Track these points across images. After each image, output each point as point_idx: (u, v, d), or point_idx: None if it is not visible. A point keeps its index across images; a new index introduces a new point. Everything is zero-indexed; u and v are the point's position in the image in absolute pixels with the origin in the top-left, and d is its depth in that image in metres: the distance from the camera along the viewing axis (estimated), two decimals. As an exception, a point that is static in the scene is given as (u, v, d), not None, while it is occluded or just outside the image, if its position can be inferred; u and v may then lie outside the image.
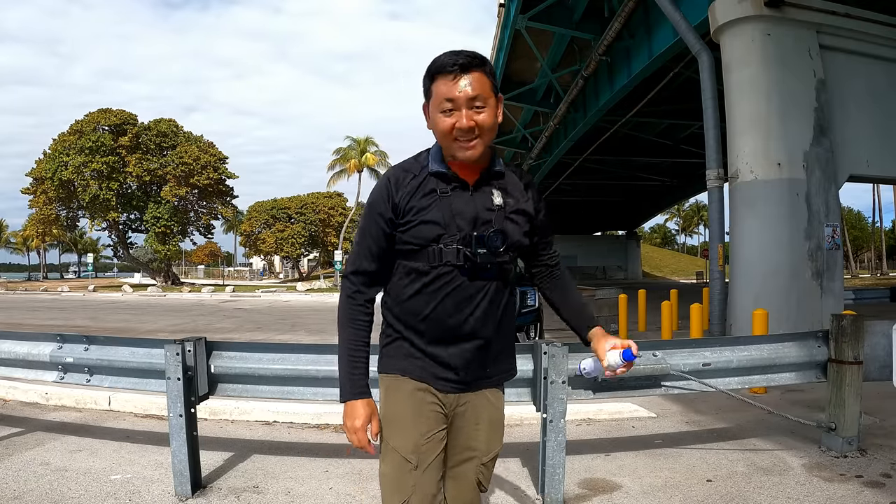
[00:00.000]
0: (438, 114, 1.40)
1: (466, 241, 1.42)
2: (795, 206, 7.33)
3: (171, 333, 10.67)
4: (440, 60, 1.39)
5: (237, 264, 74.32)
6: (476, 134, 1.40)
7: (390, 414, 1.48)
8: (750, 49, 7.61)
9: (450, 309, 1.43)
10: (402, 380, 1.47)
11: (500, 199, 1.47)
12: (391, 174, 1.48)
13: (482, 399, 1.53)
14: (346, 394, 1.47)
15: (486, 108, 1.39)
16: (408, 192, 1.44)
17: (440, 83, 1.39)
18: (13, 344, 3.60)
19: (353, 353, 1.48)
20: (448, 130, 1.40)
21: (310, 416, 4.29)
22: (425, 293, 1.44)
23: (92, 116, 32.69)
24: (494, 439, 1.57)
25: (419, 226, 1.43)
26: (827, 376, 3.49)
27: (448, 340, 1.45)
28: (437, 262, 1.43)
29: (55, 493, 2.91)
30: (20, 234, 61.02)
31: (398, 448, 1.44)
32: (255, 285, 37.78)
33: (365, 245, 1.49)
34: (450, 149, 1.43)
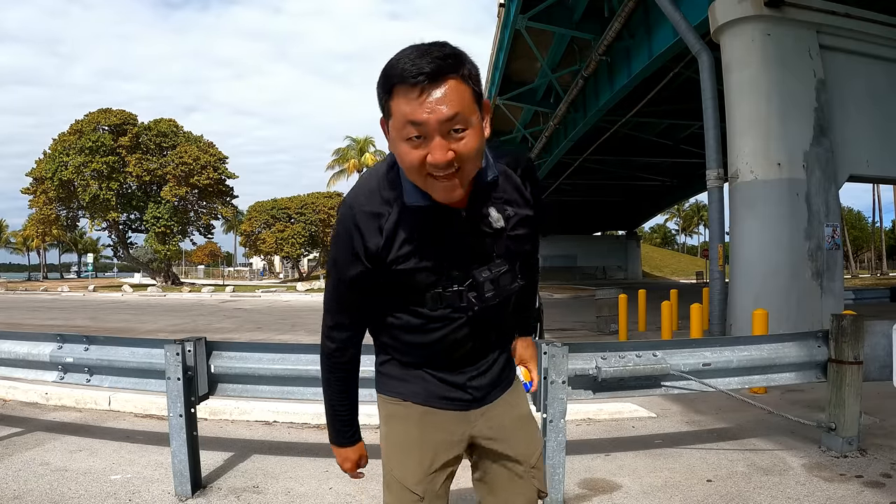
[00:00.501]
0: (402, 143, 1.04)
1: (470, 284, 1.18)
2: (795, 206, 7.33)
3: (171, 333, 10.67)
4: (399, 66, 1.01)
5: (237, 264, 74.30)
6: (457, 167, 1.04)
7: (394, 443, 1.32)
8: (750, 49, 7.61)
9: (452, 344, 1.25)
10: (406, 405, 1.30)
11: (501, 219, 1.18)
12: (358, 216, 1.15)
13: (501, 406, 1.35)
14: (334, 439, 1.39)
15: (468, 129, 1.03)
16: (385, 238, 1.14)
17: (401, 100, 1.01)
18: (13, 344, 3.60)
19: (339, 404, 1.37)
20: (417, 165, 1.04)
21: (310, 416, 4.29)
22: (423, 331, 1.24)
23: (92, 116, 32.69)
24: (532, 437, 1.39)
25: (407, 275, 1.16)
26: (827, 376, 3.49)
27: (454, 369, 1.29)
28: (437, 306, 1.20)
29: (55, 493, 2.91)
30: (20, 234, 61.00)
31: (403, 480, 1.28)
32: (255, 285, 37.78)
33: (338, 295, 1.26)
34: (423, 187, 1.09)
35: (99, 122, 32.36)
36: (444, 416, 1.30)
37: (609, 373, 3.04)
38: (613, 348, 3.19)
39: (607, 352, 3.15)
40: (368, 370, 1.40)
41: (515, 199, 1.22)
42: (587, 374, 3.04)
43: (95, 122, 32.30)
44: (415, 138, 1.02)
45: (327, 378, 1.37)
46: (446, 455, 1.31)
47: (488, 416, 1.33)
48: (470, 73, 1.04)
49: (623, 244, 46.95)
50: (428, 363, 1.29)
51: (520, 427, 1.38)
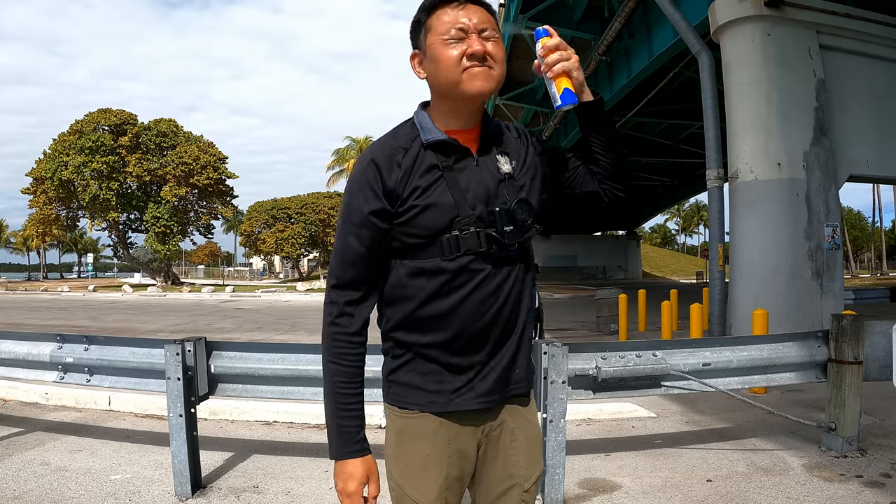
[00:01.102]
0: (442, 46, 1.16)
1: (485, 221, 1.17)
2: (795, 206, 7.33)
3: (171, 333, 10.67)
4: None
5: (237, 264, 74.34)
6: (490, 65, 1.17)
7: (408, 461, 1.23)
8: (750, 49, 7.61)
9: (477, 305, 1.18)
10: (421, 418, 1.21)
11: (508, 165, 1.22)
12: (374, 153, 1.19)
13: (516, 417, 1.30)
14: (336, 452, 1.19)
15: (496, 38, 1.19)
16: (403, 172, 1.16)
17: (442, 14, 1.18)
18: (13, 344, 3.60)
19: (344, 400, 1.20)
20: (457, 60, 1.15)
21: (310, 416, 4.29)
22: (443, 293, 1.17)
23: (92, 116, 32.72)
24: (535, 460, 1.32)
25: (424, 213, 1.15)
26: (827, 376, 3.49)
27: (478, 344, 1.20)
28: (454, 252, 1.16)
29: (55, 493, 2.91)
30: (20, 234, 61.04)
31: (418, 499, 1.21)
32: (255, 285, 37.79)
33: (349, 250, 1.19)
34: (456, 85, 1.16)
35: (99, 122, 32.38)
36: (461, 425, 1.23)
37: (609, 373, 3.04)
38: (613, 348, 3.19)
39: (607, 352, 3.15)
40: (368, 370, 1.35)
41: (520, 152, 1.28)
42: (587, 374, 3.04)
43: (95, 122, 32.33)
44: (455, 40, 1.16)
45: (330, 356, 1.22)
46: (458, 466, 1.25)
47: (505, 426, 1.28)
48: (494, 13, 1.23)
49: (623, 244, 46.94)
50: (450, 341, 1.19)
51: (527, 446, 1.30)
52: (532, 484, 1.31)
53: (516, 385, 1.27)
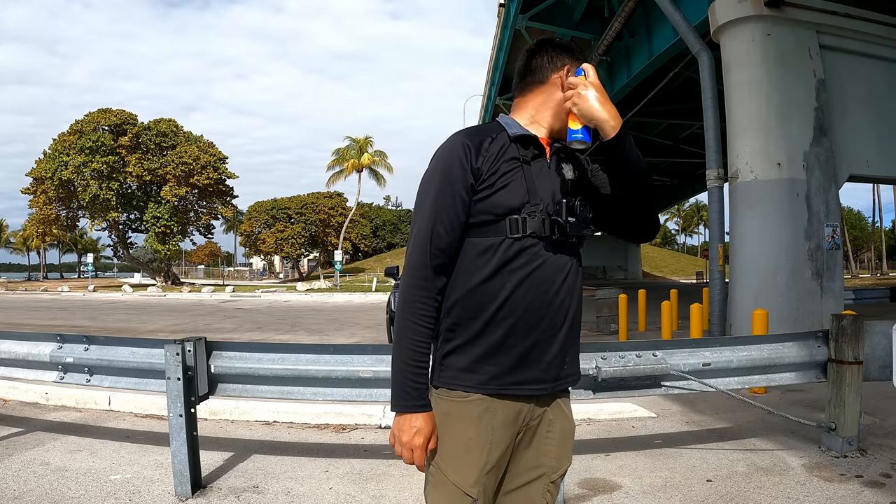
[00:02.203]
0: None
1: (550, 211, 1.28)
2: (795, 206, 7.33)
3: (171, 333, 10.68)
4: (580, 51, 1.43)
5: (237, 264, 74.34)
6: None
7: (451, 442, 1.27)
8: (750, 49, 7.61)
9: (535, 289, 1.26)
10: (469, 400, 1.26)
11: (572, 173, 1.37)
12: (465, 138, 1.30)
13: (556, 410, 1.37)
14: (404, 405, 1.24)
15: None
16: (490, 155, 1.28)
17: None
18: (13, 344, 3.60)
19: (417, 356, 1.25)
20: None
21: (310, 416, 4.29)
22: (503, 273, 1.25)
23: (92, 116, 32.71)
24: (565, 453, 1.41)
25: (501, 192, 1.26)
26: (827, 376, 3.49)
27: (531, 328, 1.26)
28: (519, 232, 1.25)
29: (55, 493, 2.91)
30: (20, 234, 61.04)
31: (458, 483, 1.25)
32: (254, 285, 37.79)
33: (438, 219, 1.25)
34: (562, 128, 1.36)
35: (99, 121, 32.38)
36: (505, 411, 1.28)
37: (609, 373, 3.04)
38: (613, 348, 3.19)
39: (607, 352, 3.15)
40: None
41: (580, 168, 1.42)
42: (587, 374, 3.04)
43: (95, 122, 32.32)
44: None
45: (408, 315, 1.26)
46: (498, 454, 1.29)
47: (544, 418, 1.35)
48: None
49: (623, 244, 46.88)
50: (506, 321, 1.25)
51: (561, 438, 1.39)
52: (559, 476, 1.39)
53: (566, 379, 1.35)
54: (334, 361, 3.06)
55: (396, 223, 65.85)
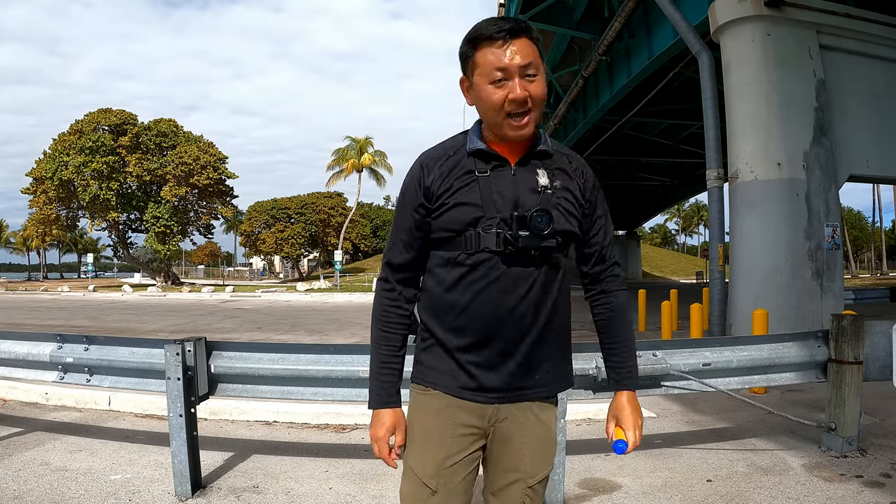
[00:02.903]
0: (487, 86, 1.26)
1: (507, 223, 1.27)
2: (795, 206, 7.33)
3: (171, 333, 10.68)
4: (484, 28, 1.26)
5: (237, 264, 74.35)
6: (528, 107, 1.26)
7: (414, 433, 1.36)
8: (750, 49, 7.61)
9: (491, 301, 1.28)
10: (431, 394, 1.34)
11: (546, 179, 1.31)
12: (423, 157, 1.35)
13: (526, 413, 1.35)
14: (373, 402, 1.36)
15: (538, 76, 1.26)
16: (441, 173, 1.31)
17: (486, 52, 1.24)
18: (13, 344, 3.60)
19: (384, 359, 1.36)
20: (500, 103, 1.25)
21: (310, 416, 4.29)
22: (463, 284, 1.29)
23: (92, 116, 32.73)
24: (541, 460, 1.38)
25: (454, 209, 1.29)
26: (827, 376, 3.49)
27: (489, 339, 1.29)
28: (473, 248, 1.28)
29: (55, 493, 2.91)
30: (20, 234, 61.05)
31: (416, 470, 1.33)
32: (254, 285, 37.79)
33: (398, 237, 1.37)
34: (499, 126, 1.28)
35: (99, 122, 32.39)
36: (467, 410, 1.32)
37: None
38: (613, 348, 3.18)
39: (607, 352, 3.14)
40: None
41: (565, 175, 1.36)
42: (587, 373, 3.04)
43: (95, 122, 32.34)
44: (498, 81, 1.24)
45: (376, 321, 1.39)
46: (461, 449, 1.32)
47: (512, 418, 1.34)
48: (536, 38, 1.28)
49: (623, 244, 46.88)
50: (466, 329, 1.30)
51: (536, 444, 1.37)
52: (537, 482, 1.38)
53: (533, 390, 1.35)
54: (334, 361, 3.06)
55: (396, 223, 65.67)
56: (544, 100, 1.29)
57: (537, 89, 1.26)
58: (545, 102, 1.31)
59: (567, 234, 1.33)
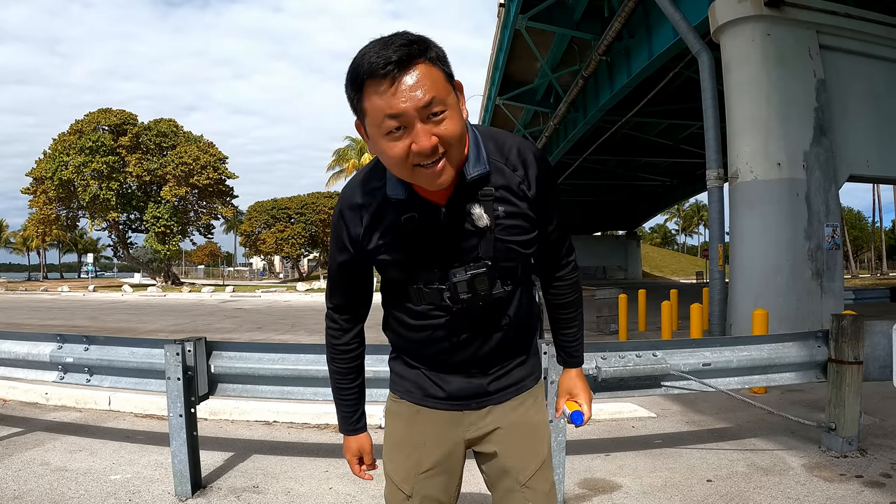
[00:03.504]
0: (382, 140, 1.00)
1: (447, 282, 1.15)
2: (795, 206, 7.33)
3: (171, 333, 10.68)
4: (365, 61, 0.97)
5: (237, 264, 74.33)
6: (442, 152, 1.00)
7: (388, 439, 1.36)
8: (750, 49, 7.61)
9: (440, 342, 1.23)
10: (402, 403, 1.33)
11: (486, 217, 1.10)
12: (342, 206, 1.19)
13: (504, 408, 1.31)
14: (340, 427, 1.41)
15: (447, 110, 0.99)
16: (365, 227, 1.16)
17: (373, 96, 0.98)
18: (13, 344, 3.60)
19: (341, 391, 1.37)
20: (403, 157, 1.00)
21: (310, 416, 4.29)
22: (410, 326, 1.25)
23: (92, 116, 32.72)
24: (527, 450, 1.30)
25: (388, 267, 1.19)
26: (827, 376, 3.49)
27: (445, 365, 1.27)
28: (417, 302, 1.19)
29: (55, 493, 2.91)
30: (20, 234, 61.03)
31: (391, 475, 1.33)
32: (254, 285, 37.78)
33: (334, 282, 1.29)
34: (411, 179, 1.05)
35: (99, 122, 32.38)
36: (436, 417, 1.30)
37: (609, 373, 3.04)
38: (613, 348, 3.19)
39: (607, 352, 3.15)
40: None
41: (509, 195, 1.14)
42: (587, 373, 3.04)
43: (95, 122, 32.32)
44: (395, 130, 0.99)
45: (330, 362, 1.37)
46: (435, 457, 1.29)
47: (488, 420, 1.30)
48: (437, 55, 1.01)
49: (623, 244, 46.92)
50: (423, 361, 1.30)
51: (519, 436, 1.30)
52: (528, 477, 1.29)
53: (501, 393, 1.30)
54: (334, 361, 3.06)
55: (396, 223, 65.72)
56: (462, 134, 1.03)
57: (448, 128, 0.99)
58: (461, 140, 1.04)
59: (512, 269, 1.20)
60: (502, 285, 1.17)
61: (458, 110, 1.03)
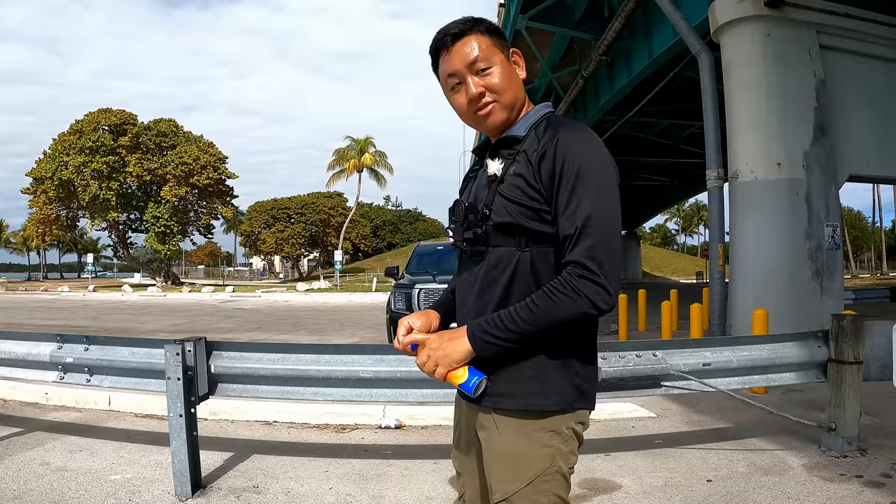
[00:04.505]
0: (450, 96, 1.30)
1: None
2: (795, 206, 7.33)
3: (172, 333, 10.68)
4: (435, 38, 1.29)
5: (237, 264, 74.33)
6: (491, 99, 1.25)
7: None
8: (750, 49, 7.61)
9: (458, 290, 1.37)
10: None
11: (497, 167, 1.25)
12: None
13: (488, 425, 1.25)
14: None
15: (493, 67, 1.24)
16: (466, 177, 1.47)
17: (441, 62, 1.28)
18: (13, 344, 3.60)
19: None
20: (464, 107, 1.28)
21: (310, 416, 4.29)
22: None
23: (92, 116, 32.73)
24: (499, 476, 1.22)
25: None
26: (827, 376, 3.49)
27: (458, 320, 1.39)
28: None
29: (55, 493, 2.91)
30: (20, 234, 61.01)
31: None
32: (255, 285, 37.78)
33: None
34: (474, 124, 1.31)
35: (99, 121, 32.40)
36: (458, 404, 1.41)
37: (609, 373, 3.04)
38: (613, 348, 3.19)
39: (607, 352, 3.15)
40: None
41: (523, 160, 1.22)
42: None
43: (95, 122, 32.34)
44: (456, 86, 1.27)
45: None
46: (463, 434, 1.38)
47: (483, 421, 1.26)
48: (487, 27, 1.27)
49: (623, 244, 46.86)
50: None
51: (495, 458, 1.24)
52: (499, 500, 1.21)
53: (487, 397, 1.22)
54: (334, 361, 3.06)
55: (396, 223, 65.82)
56: (508, 85, 1.25)
57: (493, 79, 1.24)
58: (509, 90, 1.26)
59: (504, 227, 1.19)
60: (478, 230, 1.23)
61: (506, 68, 1.26)
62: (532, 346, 1.18)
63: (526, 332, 1.14)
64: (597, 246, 1.12)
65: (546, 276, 1.18)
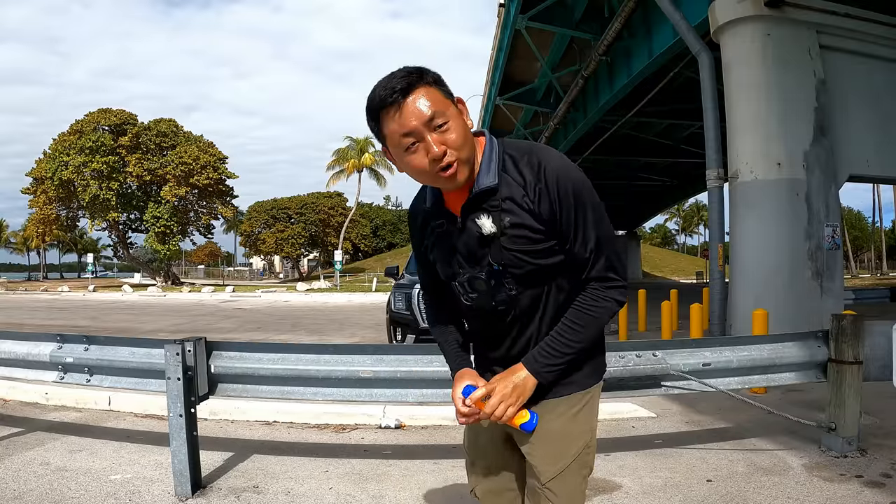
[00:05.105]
0: (405, 156, 1.21)
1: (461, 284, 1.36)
2: (795, 206, 7.33)
3: (171, 333, 10.68)
4: (376, 95, 1.19)
5: (237, 264, 74.33)
6: (453, 158, 1.19)
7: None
8: (750, 49, 7.61)
9: (478, 334, 1.44)
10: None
11: (491, 223, 1.24)
12: (410, 213, 1.49)
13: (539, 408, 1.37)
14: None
15: (449, 121, 1.19)
16: (420, 228, 1.42)
17: (388, 121, 1.19)
18: (13, 344, 3.60)
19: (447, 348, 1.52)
20: (424, 167, 1.20)
21: (310, 416, 4.29)
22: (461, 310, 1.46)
23: (92, 116, 32.74)
24: (549, 455, 1.36)
25: (434, 265, 1.42)
26: (827, 376, 3.49)
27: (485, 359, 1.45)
28: (454, 297, 1.41)
29: (55, 493, 2.91)
30: (20, 234, 61.01)
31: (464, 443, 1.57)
32: (255, 285, 37.78)
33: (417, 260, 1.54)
34: (435, 184, 1.27)
35: (99, 121, 32.41)
36: None
37: (609, 373, 3.03)
38: (613, 348, 3.19)
39: (607, 352, 3.13)
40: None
41: (514, 206, 1.25)
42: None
43: (95, 122, 32.36)
44: (411, 146, 1.20)
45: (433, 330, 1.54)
46: (490, 433, 1.46)
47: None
48: (434, 79, 1.21)
49: (623, 244, 46.83)
50: (474, 350, 1.49)
51: (542, 440, 1.36)
52: (550, 479, 1.36)
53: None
54: (334, 361, 3.06)
55: (396, 223, 65.85)
56: (465, 140, 1.21)
57: (451, 135, 1.19)
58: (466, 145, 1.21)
59: (528, 277, 1.28)
60: (508, 290, 1.29)
61: (459, 121, 1.22)
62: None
63: (578, 349, 1.31)
64: (610, 257, 1.29)
65: (569, 287, 1.33)
